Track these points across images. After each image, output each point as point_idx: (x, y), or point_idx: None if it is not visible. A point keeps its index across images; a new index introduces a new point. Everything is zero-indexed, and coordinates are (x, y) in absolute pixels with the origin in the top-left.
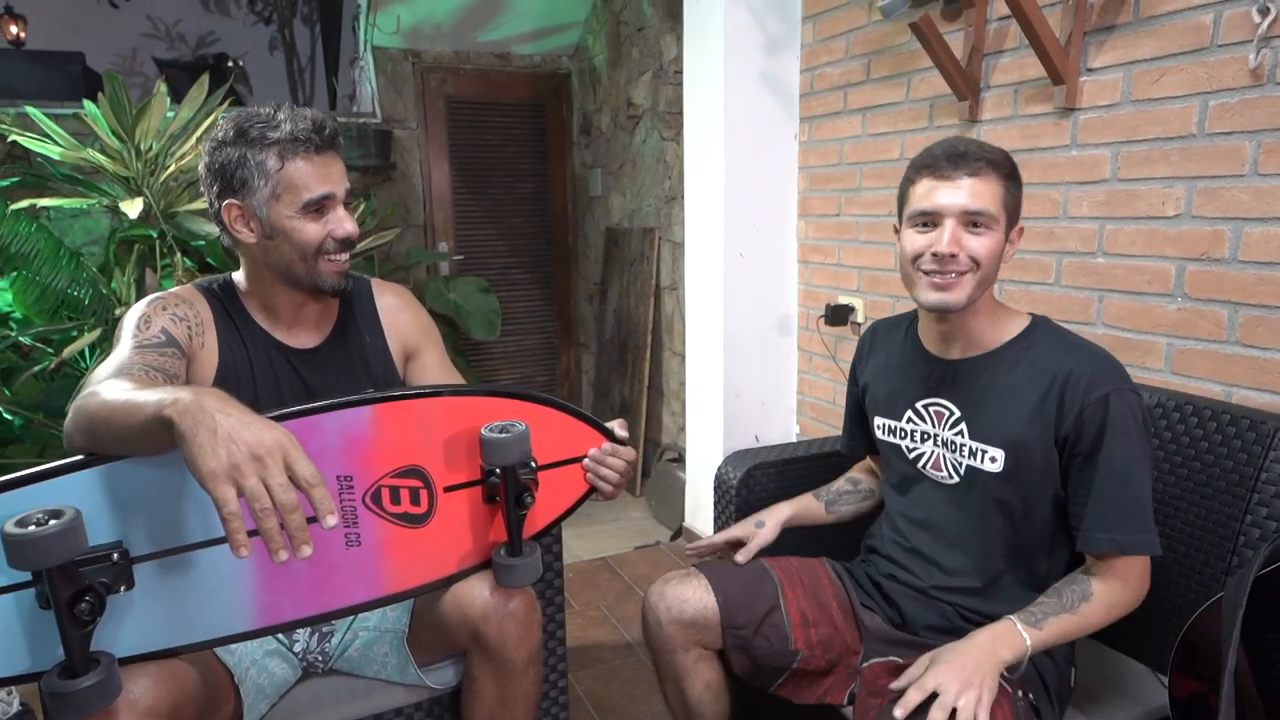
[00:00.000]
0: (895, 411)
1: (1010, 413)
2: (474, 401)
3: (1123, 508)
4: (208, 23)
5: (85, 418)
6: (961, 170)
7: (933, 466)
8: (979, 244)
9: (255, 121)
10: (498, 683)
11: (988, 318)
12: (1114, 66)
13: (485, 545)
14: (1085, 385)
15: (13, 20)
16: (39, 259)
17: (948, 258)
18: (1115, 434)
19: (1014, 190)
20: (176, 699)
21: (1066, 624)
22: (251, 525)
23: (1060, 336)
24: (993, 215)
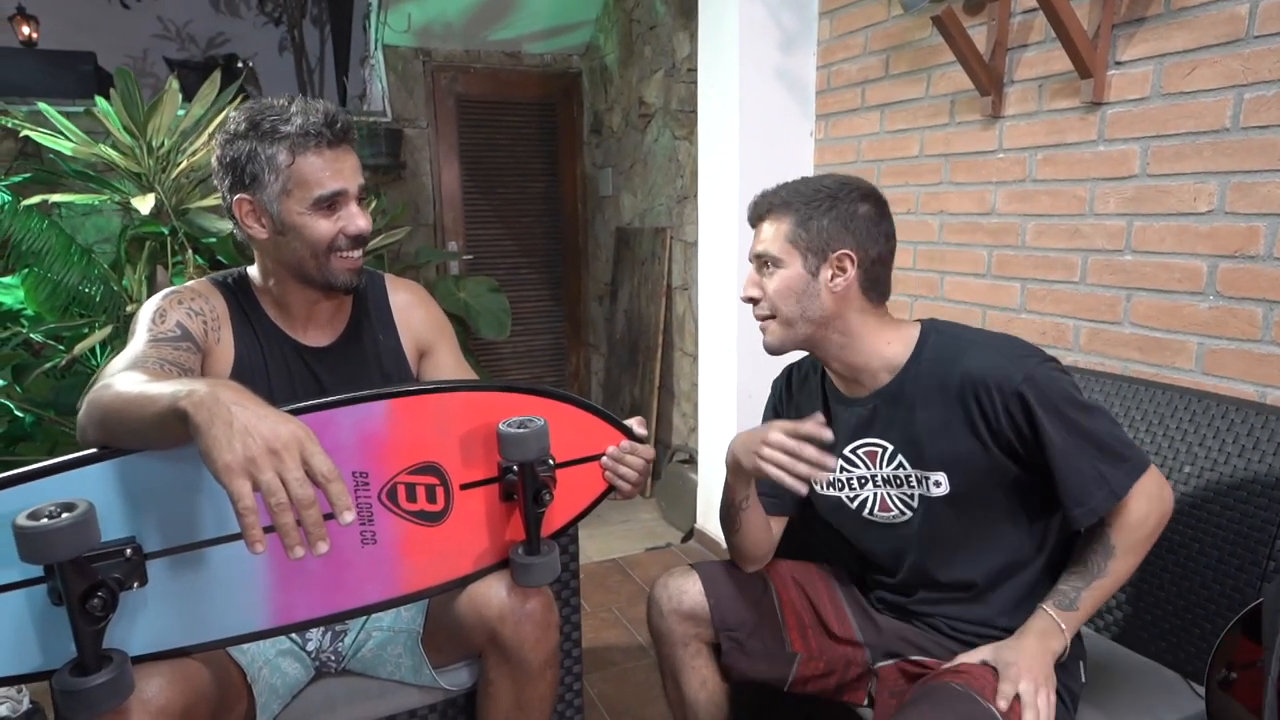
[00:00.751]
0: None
1: (939, 431)
2: (491, 397)
3: (1092, 466)
4: (218, 23)
5: (99, 410)
6: (753, 219)
7: (879, 509)
8: (768, 285)
9: (268, 114)
10: (514, 685)
11: (871, 346)
12: (1144, 59)
13: (502, 544)
14: (997, 386)
15: (25, 21)
16: (51, 255)
17: (749, 301)
18: (1045, 421)
19: (811, 222)
20: (189, 699)
21: (1100, 590)
22: (267, 521)
23: (952, 335)
24: (773, 255)
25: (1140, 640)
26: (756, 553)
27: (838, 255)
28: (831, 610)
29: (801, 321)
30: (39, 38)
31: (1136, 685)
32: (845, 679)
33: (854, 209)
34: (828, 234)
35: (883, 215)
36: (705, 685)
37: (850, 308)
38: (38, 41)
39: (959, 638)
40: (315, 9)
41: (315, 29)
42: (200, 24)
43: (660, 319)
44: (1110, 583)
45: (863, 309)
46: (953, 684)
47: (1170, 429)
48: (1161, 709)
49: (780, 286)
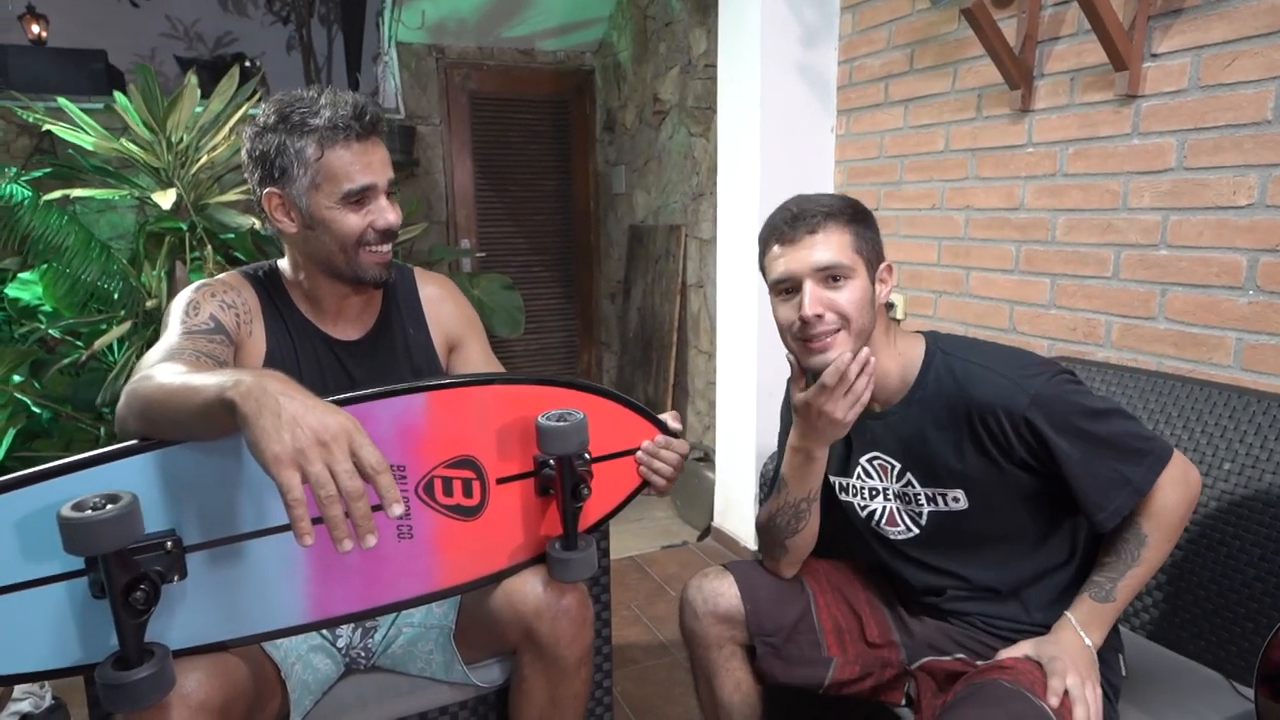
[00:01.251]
0: (846, 468)
1: (950, 453)
2: (527, 390)
3: (1111, 469)
4: (225, 23)
5: (140, 401)
6: (801, 230)
7: (886, 523)
8: (842, 298)
9: (297, 107)
10: (549, 682)
11: (887, 359)
12: (1181, 51)
13: (537, 540)
14: (1004, 413)
15: (34, 19)
16: (70, 251)
17: (815, 319)
18: (1056, 439)
19: (864, 233)
20: (228, 694)
21: (1135, 579)
22: (315, 513)
23: (958, 358)
24: (846, 266)
25: (1179, 639)
26: (806, 553)
27: (883, 268)
28: (869, 612)
29: (866, 332)
30: (48, 36)
31: (1176, 684)
32: (881, 680)
33: (876, 223)
34: (876, 246)
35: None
36: (740, 688)
37: (880, 319)
38: (47, 40)
39: (996, 633)
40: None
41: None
42: (208, 23)
43: (674, 316)
44: (1144, 571)
45: (885, 321)
46: (1002, 681)
47: (1209, 425)
48: (1203, 708)
49: (857, 298)
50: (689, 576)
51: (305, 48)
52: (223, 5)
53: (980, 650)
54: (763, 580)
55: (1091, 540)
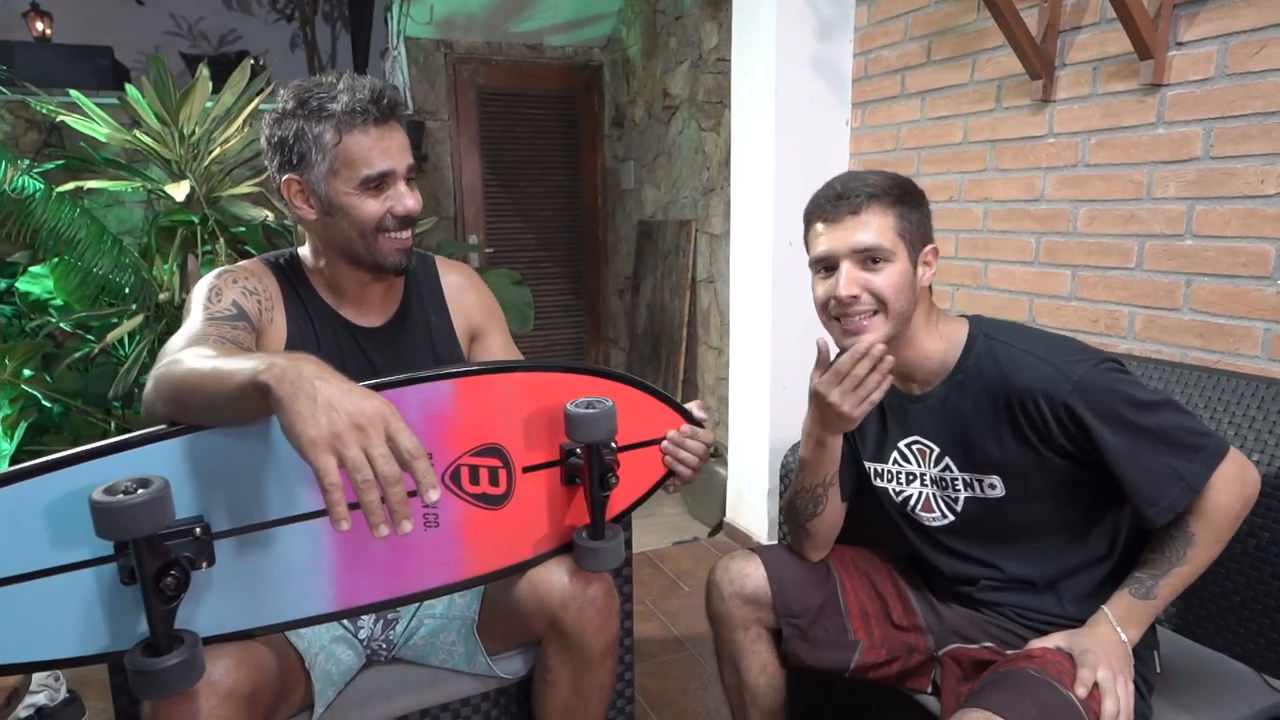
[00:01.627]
0: (882, 453)
1: (989, 438)
2: (553, 378)
3: (1164, 463)
4: (229, 20)
5: (169, 385)
6: (843, 210)
7: (923, 508)
8: (879, 280)
9: (315, 92)
10: (573, 672)
11: (927, 341)
12: (1208, 39)
13: (562, 529)
14: (1046, 399)
15: (39, 16)
16: (83, 244)
17: (850, 300)
18: (1100, 429)
19: (910, 215)
20: (256, 682)
21: (1179, 579)
22: (350, 498)
23: (1001, 342)
24: (886, 249)
25: (1206, 632)
26: (830, 536)
27: (927, 251)
28: (895, 596)
29: (904, 316)
30: (53, 33)
31: (1207, 678)
32: (908, 666)
33: (927, 206)
34: (921, 228)
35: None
36: (765, 670)
37: (924, 302)
38: (51, 37)
39: (1028, 624)
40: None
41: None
42: (212, 20)
43: (684, 312)
44: (1190, 571)
45: (928, 304)
46: (1029, 670)
47: (1236, 416)
48: (1235, 702)
49: (895, 281)
50: (702, 572)
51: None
52: (226, 3)
53: (1010, 640)
54: (790, 562)
55: (1133, 536)
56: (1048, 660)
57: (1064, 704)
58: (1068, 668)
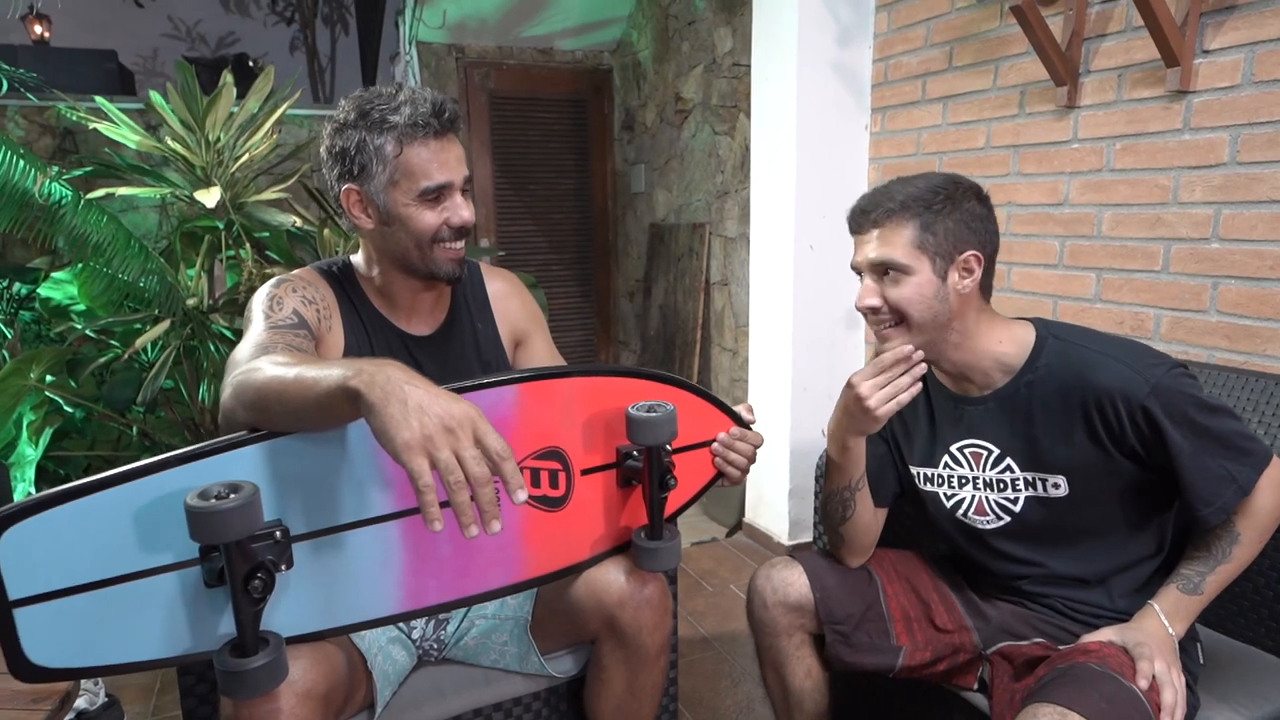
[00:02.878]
0: (932, 458)
1: (1058, 438)
2: (611, 382)
3: (1220, 465)
4: (228, 23)
5: (252, 392)
6: (866, 224)
7: (975, 512)
8: (896, 293)
9: (377, 104)
10: (629, 671)
11: (984, 345)
12: (1235, 47)
13: (618, 530)
14: (1123, 401)
15: (37, 20)
16: (112, 250)
17: (868, 311)
18: (1171, 431)
19: (937, 225)
20: (331, 682)
21: (1224, 575)
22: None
23: (1073, 343)
24: (900, 263)
25: (1237, 626)
26: (865, 541)
27: (965, 257)
28: (938, 599)
29: (930, 326)
30: (51, 36)
31: (1241, 670)
32: (954, 665)
33: (972, 208)
34: (954, 236)
35: (991, 211)
36: (810, 675)
37: (969, 307)
38: (50, 40)
39: (1077, 618)
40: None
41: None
42: (210, 23)
43: (698, 314)
44: (1234, 568)
45: (979, 308)
46: (1091, 664)
47: (1265, 416)
48: (1272, 693)
49: (912, 294)
50: (723, 572)
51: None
52: (225, 5)
53: (1059, 636)
54: (831, 569)
55: (1179, 534)
56: (1107, 654)
57: (1129, 696)
58: (1126, 661)
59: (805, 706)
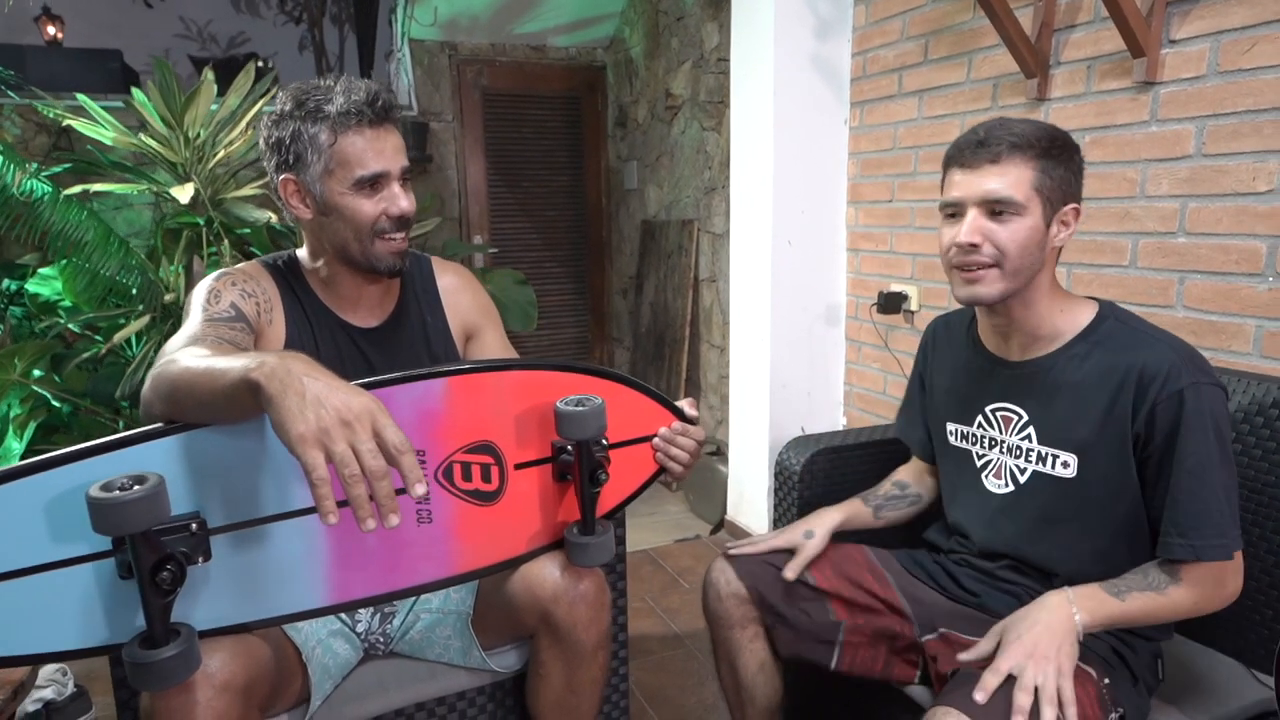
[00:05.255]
0: (968, 416)
1: (1081, 415)
2: (545, 376)
3: (1197, 511)
4: (238, 23)
5: (166, 384)
6: (982, 157)
7: (994, 475)
8: (1004, 233)
9: (313, 94)
10: (566, 666)
11: (1046, 310)
12: (1200, 37)
13: (555, 525)
14: (1161, 380)
15: (50, 20)
16: (90, 246)
17: (969, 248)
18: (1189, 432)
19: (1054, 169)
20: (252, 674)
21: (1151, 602)
22: (340, 494)
23: (1132, 327)
24: (1017, 202)
25: (1197, 627)
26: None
27: (1067, 210)
28: (872, 579)
29: (1025, 273)
30: (64, 36)
31: (1195, 672)
32: (895, 649)
33: (1080, 161)
34: (1065, 185)
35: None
36: (763, 668)
37: (1052, 265)
38: (63, 40)
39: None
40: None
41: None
42: (221, 23)
43: (687, 311)
44: (1163, 603)
45: (1053, 269)
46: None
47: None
48: (1224, 697)
49: (1021, 236)
50: (702, 569)
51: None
52: (235, 6)
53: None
54: (760, 560)
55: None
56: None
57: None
58: None
59: (757, 699)
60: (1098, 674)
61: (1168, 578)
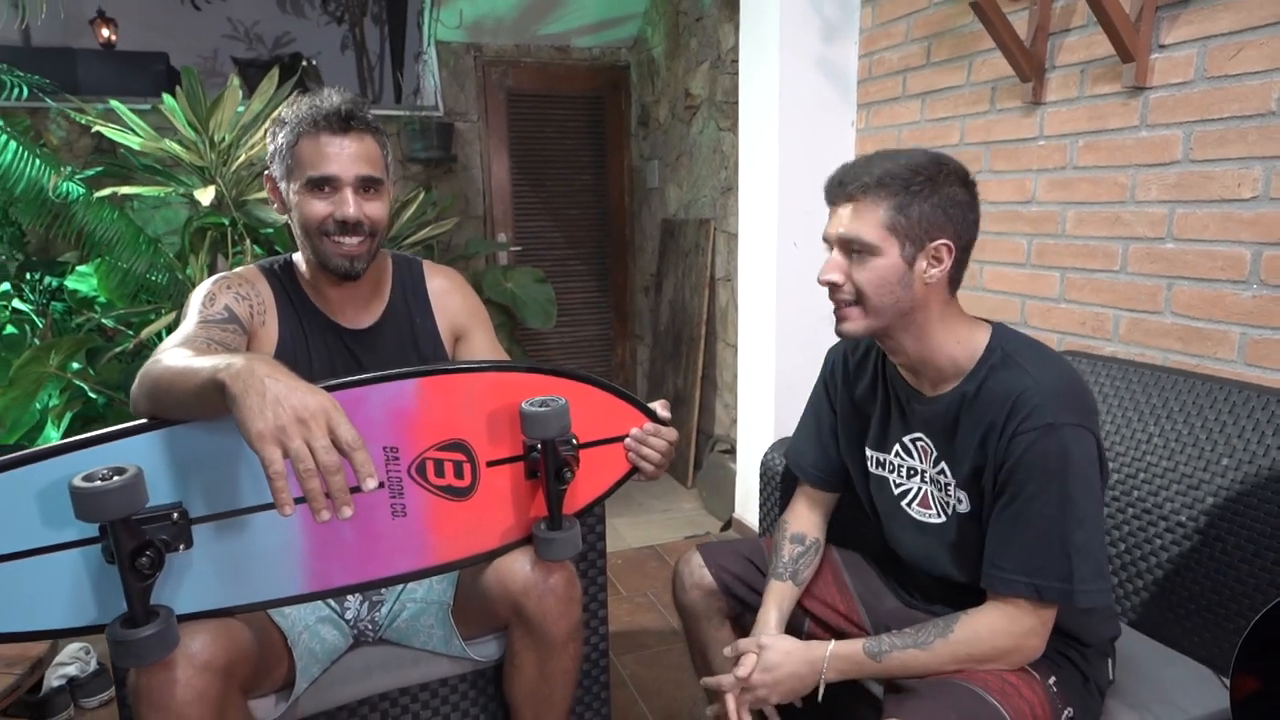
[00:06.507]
0: (885, 444)
1: (965, 453)
2: (518, 378)
3: (1037, 546)
4: (284, 23)
5: (149, 382)
6: (839, 196)
7: (919, 504)
8: (860, 273)
9: (301, 102)
10: (538, 657)
11: (941, 342)
12: (1188, 42)
13: (527, 521)
14: (1020, 418)
15: (104, 23)
16: (120, 245)
17: (831, 286)
18: (1029, 472)
19: (910, 207)
20: (232, 655)
21: (913, 660)
22: (298, 490)
23: (1014, 360)
24: (867, 242)
25: (1172, 634)
26: (819, 560)
27: (936, 245)
28: (837, 593)
29: (889, 312)
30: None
31: (1165, 678)
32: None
33: (953, 193)
34: (928, 221)
35: (974, 199)
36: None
37: (934, 299)
38: (116, 43)
39: None
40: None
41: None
42: (267, 24)
43: (703, 310)
44: (924, 659)
45: (944, 301)
46: (955, 679)
47: (1209, 420)
48: (1188, 703)
49: (874, 277)
50: None
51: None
52: (281, 6)
53: None
54: (724, 548)
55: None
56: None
57: (989, 713)
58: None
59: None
60: (1042, 674)
61: (943, 629)
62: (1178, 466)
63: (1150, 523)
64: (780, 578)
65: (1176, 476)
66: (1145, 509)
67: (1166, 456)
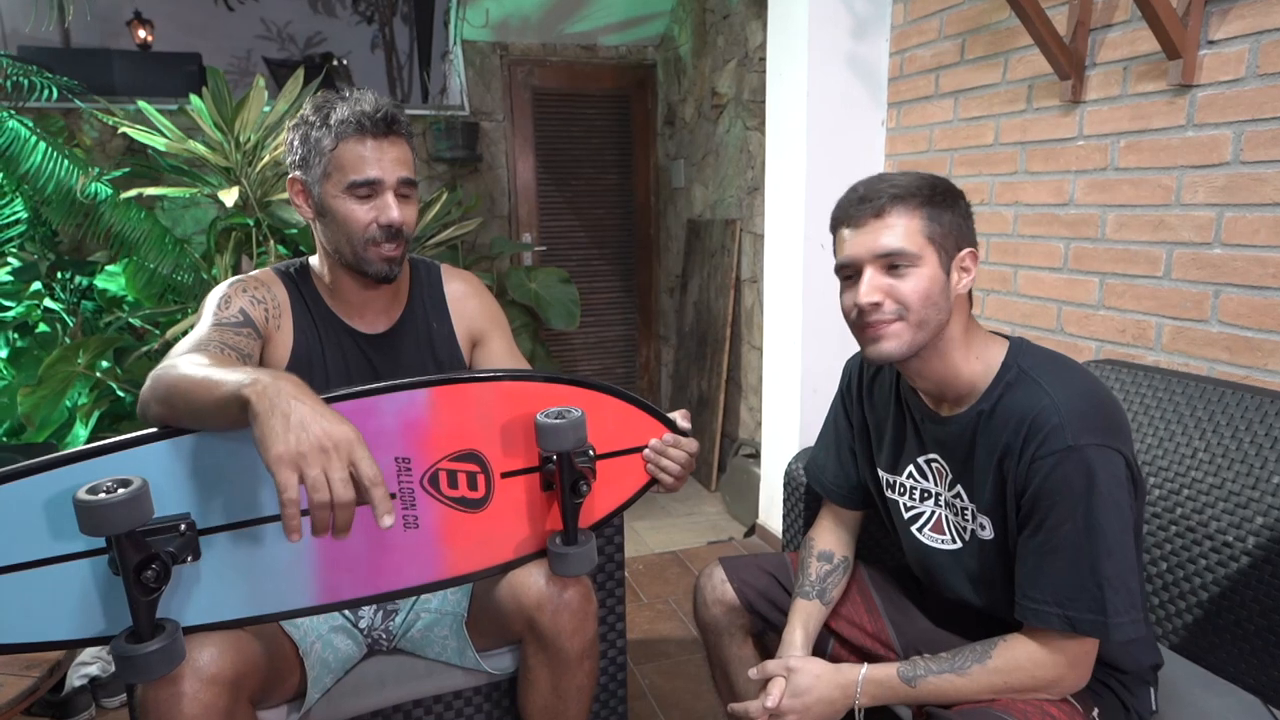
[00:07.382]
0: (897, 465)
1: (984, 476)
2: (533, 387)
3: (1073, 572)
4: (315, 24)
5: (163, 388)
6: (866, 213)
7: (932, 529)
8: (904, 286)
9: (330, 102)
10: (552, 673)
11: (962, 362)
12: (1239, 38)
13: (542, 533)
14: (1039, 440)
15: (141, 24)
16: (147, 245)
17: (870, 307)
18: (1053, 498)
19: (940, 215)
20: (240, 668)
21: (949, 686)
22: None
23: (1031, 376)
24: (911, 253)
25: (1218, 660)
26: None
27: (964, 255)
28: (865, 614)
29: (930, 325)
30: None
31: (1211, 709)
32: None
33: (965, 206)
34: (957, 230)
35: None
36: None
37: (960, 313)
38: (152, 44)
39: None
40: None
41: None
42: (299, 24)
43: (729, 311)
44: (965, 685)
45: (966, 315)
46: (993, 709)
47: (1259, 435)
48: None
49: (920, 287)
50: None
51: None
52: (313, 6)
53: None
54: (748, 563)
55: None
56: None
57: None
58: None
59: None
60: (1085, 706)
61: (979, 654)
62: (1224, 484)
63: (1195, 541)
64: (807, 596)
65: (1223, 494)
66: (1189, 527)
67: (1213, 473)
